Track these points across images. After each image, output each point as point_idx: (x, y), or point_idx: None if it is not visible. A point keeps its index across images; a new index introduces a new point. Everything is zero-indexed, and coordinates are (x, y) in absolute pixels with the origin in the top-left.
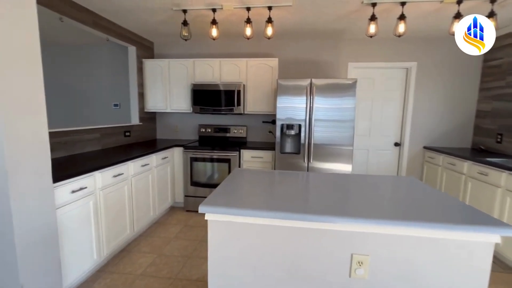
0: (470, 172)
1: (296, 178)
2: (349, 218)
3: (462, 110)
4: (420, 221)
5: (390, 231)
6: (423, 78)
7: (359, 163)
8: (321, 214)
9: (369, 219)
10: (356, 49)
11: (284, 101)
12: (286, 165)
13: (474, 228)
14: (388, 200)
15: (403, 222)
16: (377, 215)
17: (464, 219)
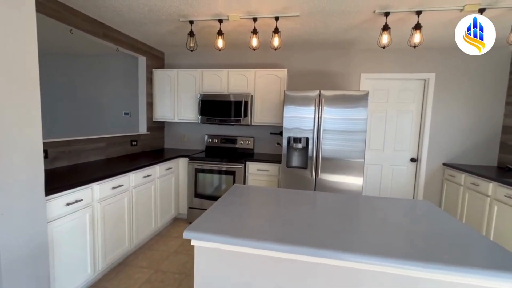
0: (496, 194)
1: (298, 199)
2: (353, 255)
3: (486, 125)
4: (439, 263)
5: (400, 271)
6: (442, 90)
7: (372, 179)
8: (320, 248)
9: (377, 257)
10: (369, 59)
11: (291, 111)
12: (293, 179)
13: (503, 274)
14: (399, 232)
15: (417, 262)
16: (386, 252)
17: (492, 262)
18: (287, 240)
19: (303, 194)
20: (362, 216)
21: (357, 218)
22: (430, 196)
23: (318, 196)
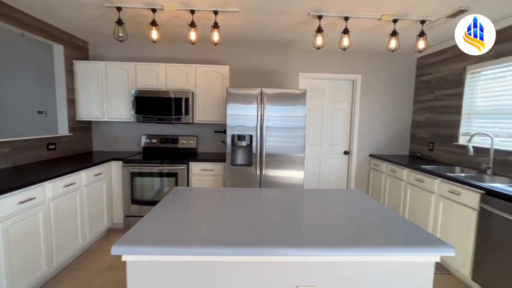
0: (409, 179)
1: (242, 198)
2: (292, 249)
3: (401, 120)
4: (365, 246)
5: (335, 258)
6: (367, 90)
7: (312, 171)
8: (260, 246)
9: (314, 248)
10: (306, 59)
11: (234, 108)
12: (238, 177)
13: (417, 249)
14: (333, 222)
15: (348, 248)
16: (321, 242)
17: (408, 240)
18: (230, 242)
19: (247, 192)
20: (302, 209)
21: (298, 211)
22: (360, 183)
23: (261, 193)
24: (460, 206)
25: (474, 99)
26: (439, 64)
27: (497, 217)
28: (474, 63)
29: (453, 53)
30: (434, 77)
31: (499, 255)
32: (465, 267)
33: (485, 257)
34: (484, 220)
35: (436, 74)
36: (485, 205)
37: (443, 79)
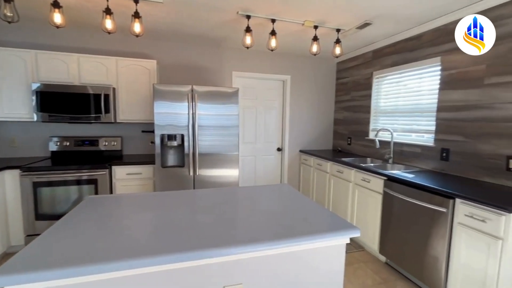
0: (331, 170)
1: (165, 202)
2: (217, 250)
3: (325, 118)
4: (286, 238)
5: (260, 253)
6: (296, 90)
7: (248, 169)
8: (183, 251)
9: (239, 246)
10: (240, 58)
11: (163, 106)
12: (170, 180)
13: (331, 235)
14: (260, 218)
15: (270, 243)
16: (247, 239)
17: (324, 227)
18: (150, 252)
19: (175, 195)
20: (231, 208)
21: (227, 211)
22: (293, 177)
23: (191, 195)
24: (370, 192)
25: (379, 100)
26: (353, 69)
27: (396, 198)
28: (378, 70)
29: (363, 60)
30: (350, 80)
31: (397, 230)
32: (374, 243)
33: (388, 232)
34: (387, 202)
35: (352, 78)
36: (387, 189)
37: (356, 82)
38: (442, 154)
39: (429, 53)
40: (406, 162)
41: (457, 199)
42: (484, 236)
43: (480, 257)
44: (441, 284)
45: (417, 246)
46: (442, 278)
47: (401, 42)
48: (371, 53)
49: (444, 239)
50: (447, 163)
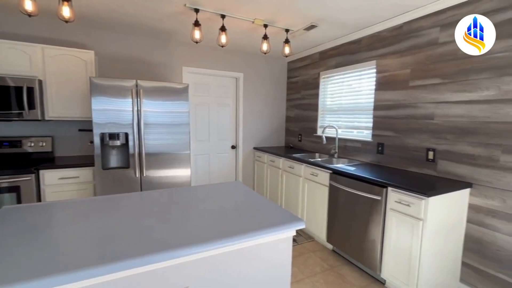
0: (284, 166)
1: (101, 207)
2: (159, 255)
3: (278, 116)
4: (233, 236)
5: (205, 254)
6: (249, 87)
7: (202, 167)
8: (119, 260)
9: (182, 249)
10: (191, 54)
11: (103, 103)
12: (113, 183)
13: (278, 229)
14: (208, 218)
15: (215, 242)
16: (192, 241)
17: (272, 222)
18: (78, 265)
19: (118, 198)
20: (178, 209)
21: (173, 212)
22: (247, 174)
23: (136, 197)
24: (318, 185)
25: (325, 98)
26: (303, 69)
27: (340, 190)
28: (324, 70)
29: (311, 61)
30: (300, 79)
31: (342, 219)
32: (322, 232)
33: (334, 222)
34: (333, 193)
35: (301, 77)
36: (332, 182)
37: (306, 82)
38: (378, 148)
39: (366, 57)
40: (349, 156)
41: (389, 187)
42: (409, 218)
43: (407, 236)
44: (377, 264)
45: (358, 233)
46: (378, 258)
47: (344, 45)
48: (318, 55)
49: (379, 224)
50: (382, 156)
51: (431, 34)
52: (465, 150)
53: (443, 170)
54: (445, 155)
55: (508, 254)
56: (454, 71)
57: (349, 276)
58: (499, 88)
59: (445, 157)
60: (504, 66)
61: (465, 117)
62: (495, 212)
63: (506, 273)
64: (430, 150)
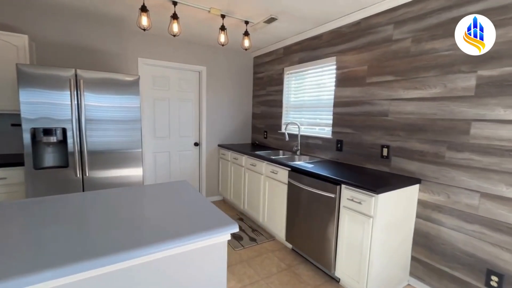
0: (246, 164)
1: (28, 213)
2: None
3: (244, 112)
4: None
5: (135, 262)
6: (213, 82)
7: (162, 165)
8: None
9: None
10: (148, 44)
11: (33, 94)
12: (48, 184)
13: (213, 232)
14: (137, 223)
15: (136, 251)
16: (120, 248)
17: (208, 226)
18: None
19: (35, 202)
20: (108, 214)
21: (101, 218)
22: (212, 173)
23: (61, 200)
24: (278, 183)
25: (289, 95)
26: (268, 64)
27: (297, 188)
28: (288, 66)
29: (276, 56)
30: (265, 75)
31: (300, 217)
32: (281, 231)
33: (292, 220)
34: (291, 191)
35: (267, 73)
36: (291, 179)
37: (271, 77)
38: (337, 145)
39: (327, 52)
40: (311, 154)
41: (342, 185)
42: (360, 215)
43: (358, 233)
44: (331, 263)
45: (315, 231)
46: (332, 256)
47: (306, 41)
48: (282, 50)
49: (333, 222)
50: (341, 153)
51: (386, 31)
52: (415, 147)
53: (396, 166)
54: (398, 151)
55: (451, 247)
56: (406, 68)
57: (305, 275)
58: (445, 85)
59: (398, 153)
60: (449, 64)
61: (415, 114)
62: (440, 207)
63: (450, 266)
64: (385, 147)
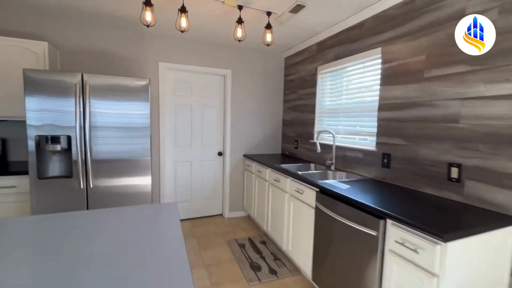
0: (270, 178)
1: None
2: None
3: (274, 119)
4: None
5: None
6: (238, 86)
7: (182, 176)
8: None
9: None
10: (168, 47)
11: (39, 100)
12: (53, 195)
13: None
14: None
15: None
16: None
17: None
18: None
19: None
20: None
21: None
22: (236, 185)
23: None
24: (303, 205)
25: (323, 98)
26: (300, 65)
27: (326, 215)
28: (322, 64)
29: (308, 54)
30: (297, 77)
31: (330, 253)
32: (307, 267)
33: (321, 256)
34: (319, 218)
35: (298, 74)
36: (319, 203)
37: (302, 79)
38: (384, 160)
39: (370, 43)
40: (349, 169)
41: (388, 220)
42: (416, 270)
43: None
44: None
45: (349, 275)
46: None
47: (343, 32)
48: (315, 46)
49: (375, 268)
50: (388, 171)
51: (455, 4)
52: (506, 167)
53: (473, 194)
54: (476, 173)
55: None
56: (490, 52)
57: None
58: None
59: (476, 176)
60: None
61: (505, 119)
62: None
63: None
64: (454, 166)
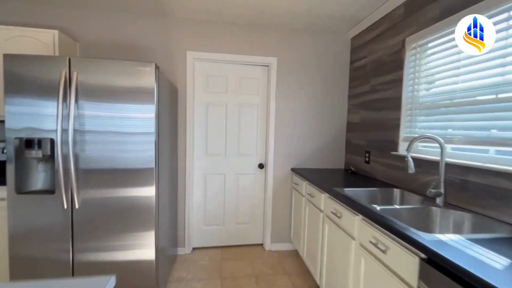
0: (326, 208)
1: None
2: None
3: (333, 122)
4: None
5: None
6: (286, 79)
7: (214, 194)
8: None
9: None
10: (197, 33)
11: (19, 101)
12: (33, 215)
13: None
14: None
15: None
16: None
17: None
18: None
19: None
20: None
21: None
22: (281, 207)
23: None
24: (391, 277)
25: (417, 85)
26: (374, 42)
27: None
28: (415, 32)
29: (389, 24)
30: (369, 60)
31: None
32: None
33: None
34: None
35: (372, 56)
36: (423, 283)
37: (379, 62)
38: None
39: None
40: (475, 207)
41: None
42: None
43: None
44: None
45: None
46: None
47: None
48: (402, 8)
49: None
50: None
51: None
52: None
53: None
54: None
55: None
56: None
57: None
58: None
59: None
60: None
61: None
62: None
63: None
64: None
